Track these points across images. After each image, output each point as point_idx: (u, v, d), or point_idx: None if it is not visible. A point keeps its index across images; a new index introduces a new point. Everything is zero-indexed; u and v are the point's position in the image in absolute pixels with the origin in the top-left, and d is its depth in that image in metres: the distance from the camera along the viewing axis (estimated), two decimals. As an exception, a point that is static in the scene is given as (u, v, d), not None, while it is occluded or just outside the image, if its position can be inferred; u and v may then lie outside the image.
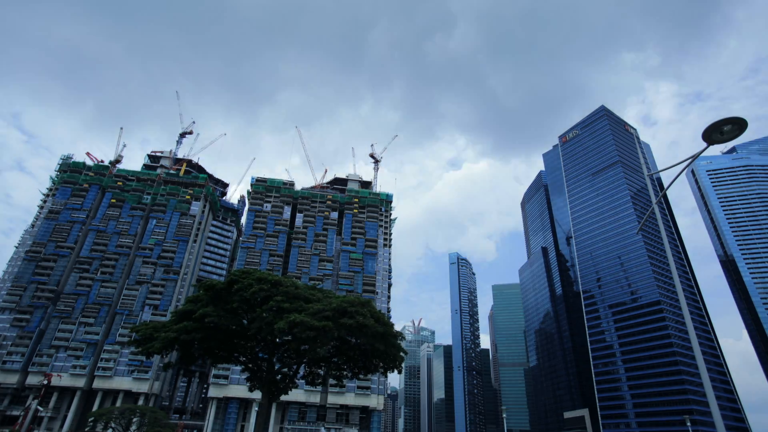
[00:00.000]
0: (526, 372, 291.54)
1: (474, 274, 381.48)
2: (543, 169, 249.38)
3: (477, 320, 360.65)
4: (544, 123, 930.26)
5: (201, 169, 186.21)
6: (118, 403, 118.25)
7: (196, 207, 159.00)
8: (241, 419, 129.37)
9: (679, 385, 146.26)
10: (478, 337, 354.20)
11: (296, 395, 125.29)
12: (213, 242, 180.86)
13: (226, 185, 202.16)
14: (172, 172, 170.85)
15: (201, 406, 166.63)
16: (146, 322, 76.91)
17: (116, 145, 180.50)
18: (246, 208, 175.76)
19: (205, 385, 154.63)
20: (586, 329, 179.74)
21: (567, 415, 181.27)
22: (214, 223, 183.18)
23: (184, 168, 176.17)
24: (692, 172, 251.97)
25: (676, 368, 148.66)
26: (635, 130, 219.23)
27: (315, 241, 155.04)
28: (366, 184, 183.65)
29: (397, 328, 58.71)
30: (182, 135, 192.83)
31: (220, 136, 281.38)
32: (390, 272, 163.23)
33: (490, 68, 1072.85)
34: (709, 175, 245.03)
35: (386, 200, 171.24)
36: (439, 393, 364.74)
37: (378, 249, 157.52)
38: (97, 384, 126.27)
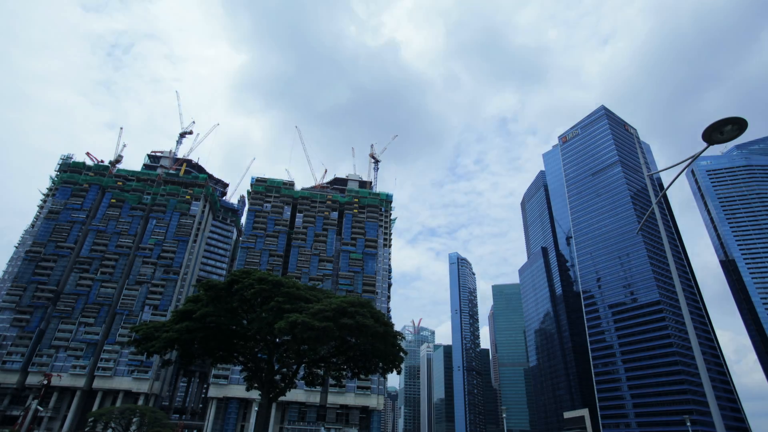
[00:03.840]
0: (526, 372, 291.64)
1: (474, 274, 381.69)
2: (543, 168, 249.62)
3: (477, 320, 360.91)
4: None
5: (201, 169, 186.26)
6: (118, 403, 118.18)
7: (196, 207, 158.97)
8: (241, 419, 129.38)
9: (679, 385, 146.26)
10: (478, 337, 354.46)
11: (296, 395, 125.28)
12: (213, 242, 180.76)
13: (226, 185, 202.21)
14: (172, 172, 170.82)
15: (201, 406, 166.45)
16: (146, 321, 77.20)
17: (116, 144, 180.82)
18: (246, 208, 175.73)
19: (205, 385, 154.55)
20: (586, 329, 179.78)
21: (567, 415, 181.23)
22: (214, 223, 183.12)
23: (184, 168, 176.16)
24: (692, 172, 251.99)
25: (676, 368, 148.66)
26: (635, 130, 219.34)
27: (315, 241, 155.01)
28: (366, 184, 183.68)
29: (397, 328, 58.70)
30: (182, 135, 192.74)
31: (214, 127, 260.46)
32: (390, 272, 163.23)
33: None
34: (709, 175, 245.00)
35: (386, 200, 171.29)
36: (439, 393, 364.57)
37: (378, 249, 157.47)
38: (97, 384, 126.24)
